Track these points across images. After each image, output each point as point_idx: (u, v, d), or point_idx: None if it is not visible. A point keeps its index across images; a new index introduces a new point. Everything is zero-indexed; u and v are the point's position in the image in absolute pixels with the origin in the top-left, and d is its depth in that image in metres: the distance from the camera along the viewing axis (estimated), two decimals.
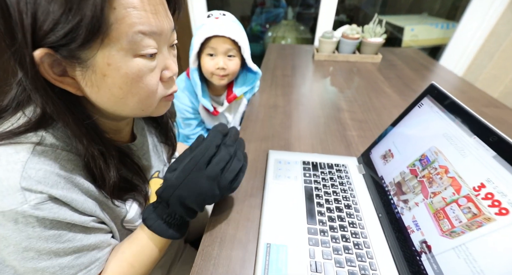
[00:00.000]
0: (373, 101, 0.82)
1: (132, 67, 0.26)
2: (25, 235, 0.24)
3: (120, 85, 0.27)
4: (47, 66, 0.23)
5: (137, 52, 0.26)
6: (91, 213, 0.30)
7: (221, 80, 0.70)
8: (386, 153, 0.47)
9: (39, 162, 0.25)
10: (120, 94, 0.27)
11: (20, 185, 0.23)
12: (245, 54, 0.68)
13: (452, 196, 0.31)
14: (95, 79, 0.26)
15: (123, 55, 0.25)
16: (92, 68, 0.25)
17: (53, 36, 0.22)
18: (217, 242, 0.39)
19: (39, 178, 0.25)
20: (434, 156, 0.36)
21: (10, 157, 0.24)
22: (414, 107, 0.44)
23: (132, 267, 0.33)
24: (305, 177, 0.49)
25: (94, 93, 0.27)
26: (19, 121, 0.27)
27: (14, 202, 0.23)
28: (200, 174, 0.32)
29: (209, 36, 0.62)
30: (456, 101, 0.35)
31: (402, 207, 0.38)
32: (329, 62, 1.15)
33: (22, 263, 0.25)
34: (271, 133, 0.64)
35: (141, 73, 0.27)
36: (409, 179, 0.39)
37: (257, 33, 2.23)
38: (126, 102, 0.29)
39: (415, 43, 1.72)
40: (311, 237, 0.38)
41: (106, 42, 0.24)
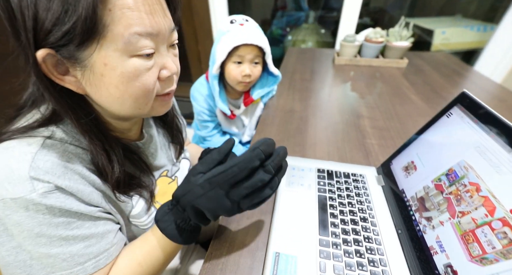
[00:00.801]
0: (397, 109, 0.77)
1: (128, 67, 0.26)
2: (37, 221, 0.26)
3: (117, 85, 0.27)
4: (51, 66, 0.25)
5: (133, 52, 0.26)
6: (97, 204, 0.31)
7: (245, 87, 0.70)
8: (408, 165, 0.43)
9: (48, 154, 0.27)
10: (117, 93, 0.28)
11: (28, 175, 0.25)
12: (268, 59, 0.68)
13: (484, 217, 0.28)
14: (93, 79, 0.26)
15: (119, 56, 0.26)
16: (90, 68, 0.26)
17: (53, 37, 0.23)
18: (225, 247, 0.38)
19: (46, 168, 0.26)
20: (464, 171, 0.33)
21: (22, 149, 0.26)
22: (442, 116, 0.40)
23: (140, 266, 0.34)
24: (319, 185, 0.47)
25: (93, 92, 0.28)
26: (34, 117, 0.29)
27: (23, 190, 0.25)
28: (224, 192, 0.29)
29: (238, 44, 0.61)
30: (492, 112, 0.32)
31: (424, 225, 0.35)
32: (350, 66, 1.11)
33: (36, 248, 0.26)
34: (286, 138, 0.63)
35: (137, 72, 0.27)
36: (434, 194, 0.36)
37: (277, 37, 2.23)
38: (123, 101, 0.29)
39: (446, 47, 1.61)
40: (323, 249, 0.36)
41: (103, 43, 0.24)
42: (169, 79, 0.32)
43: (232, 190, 0.29)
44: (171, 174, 0.46)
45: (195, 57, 1.62)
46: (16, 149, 0.26)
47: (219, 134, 0.83)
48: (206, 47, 1.58)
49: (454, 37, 1.58)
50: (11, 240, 0.26)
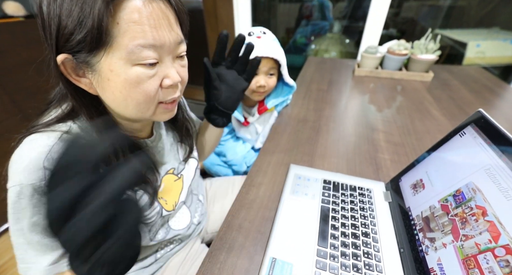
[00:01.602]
0: (415, 124, 0.75)
1: (131, 74, 0.29)
2: (37, 210, 0.29)
3: (120, 89, 0.30)
4: (70, 69, 0.29)
5: (136, 61, 0.29)
6: None
7: (259, 97, 0.73)
8: (417, 183, 0.42)
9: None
10: (121, 97, 0.31)
11: (43, 164, 0.29)
12: (284, 71, 0.70)
13: (487, 243, 0.27)
14: (101, 82, 0.30)
15: (123, 64, 0.29)
16: (99, 72, 0.29)
17: (69, 44, 0.27)
18: (225, 247, 0.40)
19: None
20: (471, 193, 0.32)
21: (42, 142, 0.30)
22: (455, 135, 0.39)
23: None
24: (323, 196, 0.48)
25: (102, 94, 0.32)
26: (56, 113, 0.34)
27: (36, 177, 0.28)
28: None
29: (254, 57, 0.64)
30: (506, 133, 0.31)
31: (427, 246, 0.34)
32: (371, 78, 1.09)
33: (32, 235, 0.30)
34: (295, 147, 0.64)
35: (139, 79, 0.30)
36: (439, 215, 0.35)
37: (300, 45, 2.24)
38: (126, 105, 0.32)
39: (481, 60, 1.51)
40: (320, 259, 0.37)
41: (109, 51, 0.28)
42: (172, 87, 0.34)
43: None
44: (177, 172, 0.49)
45: None
46: (38, 141, 0.30)
47: (233, 139, 0.86)
48: None
49: (490, 50, 1.48)
50: (17, 222, 0.30)
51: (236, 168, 0.84)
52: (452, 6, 1.86)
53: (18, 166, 0.29)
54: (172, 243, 0.51)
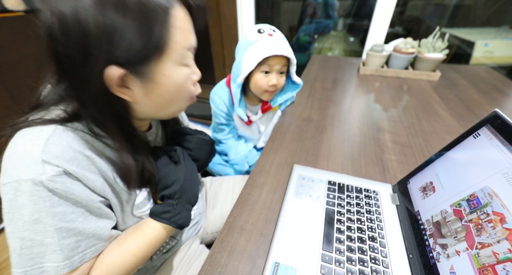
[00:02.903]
0: (422, 124, 0.73)
1: (180, 75, 0.33)
2: (37, 207, 0.27)
3: (170, 90, 0.33)
4: (114, 80, 0.28)
5: (182, 62, 0.32)
6: (100, 192, 0.32)
7: (270, 96, 0.70)
8: (426, 185, 0.41)
9: (59, 139, 0.29)
10: (169, 97, 0.34)
11: (41, 158, 0.27)
12: (293, 69, 0.68)
13: (507, 252, 0.25)
14: (150, 87, 0.31)
15: (174, 66, 0.32)
16: (151, 78, 0.31)
17: (124, 56, 0.27)
18: (227, 250, 0.39)
19: (57, 153, 0.28)
20: (488, 198, 0.30)
21: (37, 134, 0.29)
22: (468, 137, 0.37)
23: (134, 257, 0.35)
24: (328, 198, 0.46)
25: (146, 99, 0.32)
26: (53, 112, 0.32)
27: (35, 172, 0.27)
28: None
29: (270, 55, 0.61)
30: None
31: (438, 252, 0.33)
32: (376, 77, 1.07)
33: (32, 235, 0.28)
34: (299, 147, 0.62)
35: (185, 79, 0.34)
36: (452, 220, 0.33)
37: (304, 44, 2.22)
38: (170, 104, 0.35)
39: (489, 60, 1.48)
40: (325, 265, 0.35)
41: (163, 57, 0.30)
42: (196, 83, 0.38)
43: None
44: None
45: (220, 61, 1.67)
46: (32, 134, 0.29)
47: (234, 138, 0.84)
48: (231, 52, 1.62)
49: (499, 50, 1.45)
50: (10, 224, 0.28)
51: (238, 167, 0.83)
52: (458, 5, 1.82)
53: (13, 160, 0.28)
54: (168, 244, 0.50)
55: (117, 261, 0.33)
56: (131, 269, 0.35)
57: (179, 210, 0.38)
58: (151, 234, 0.37)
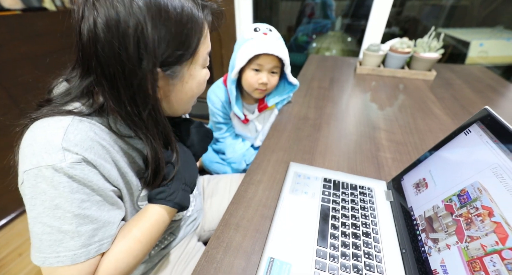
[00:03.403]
0: (418, 123, 0.73)
1: (202, 75, 0.38)
2: (58, 193, 0.28)
3: (193, 88, 0.38)
4: (154, 80, 0.32)
5: (204, 65, 0.38)
6: (113, 181, 0.34)
7: (260, 94, 0.71)
8: (419, 182, 0.41)
9: (78, 128, 0.30)
10: (191, 94, 0.39)
11: (61, 145, 0.28)
12: (287, 70, 0.68)
13: (494, 245, 0.26)
14: (180, 85, 0.36)
15: (199, 68, 0.37)
16: (180, 78, 0.35)
17: (168, 59, 0.32)
18: (222, 246, 0.39)
19: (76, 141, 0.29)
20: (477, 193, 0.31)
21: (56, 124, 0.30)
22: (459, 133, 0.38)
23: (140, 243, 0.35)
24: (323, 195, 0.47)
25: (174, 96, 0.37)
26: (72, 105, 0.33)
27: (56, 158, 0.28)
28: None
29: (259, 53, 0.62)
30: None
31: (430, 247, 0.33)
32: (372, 76, 1.08)
33: (51, 221, 0.29)
34: (295, 145, 0.63)
35: (204, 78, 0.39)
36: (443, 215, 0.34)
37: (302, 44, 2.22)
38: (189, 101, 0.40)
39: (484, 60, 1.50)
40: (319, 260, 0.36)
41: (193, 61, 0.35)
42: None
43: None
44: None
45: (218, 60, 1.67)
46: (51, 123, 0.30)
47: (232, 137, 0.84)
48: (229, 51, 1.63)
49: (493, 50, 1.46)
50: (32, 209, 0.29)
51: (235, 166, 0.83)
52: (455, 6, 1.84)
53: (34, 148, 0.29)
54: (167, 239, 0.50)
55: (124, 249, 0.34)
56: (139, 255, 0.35)
57: (174, 189, 0.39)
58: (151, 217, 0.37)
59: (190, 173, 0.42)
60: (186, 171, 0.41)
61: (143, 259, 0.37)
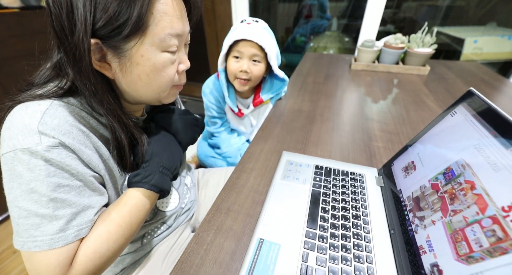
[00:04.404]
0: (411, 114, 0.74)
1: (159, 59, 0.33)
2: (34, 176, 0.28)
3: (148, 73, 0.33)
4: (95, 55, 0.30)
5: (164, 49, 0.32)
6: (94, 167, 0.33)
7: (242, 86, 0.71)
8: (408, 165, 0.42)
9: (56, 112, 0.30)
10: (146, 80, 0.34)
11: (37, 129, 0.28)
12: (272, 61, 0.68)
13: (475, 215, 0.26)
14: (129, 66, 0.32)
15: (154, 50, 0.32)
16: (129, 57, 0.31)
17: (104, 30, 0.28)
18: (213, 229, 0.39)
19: (53, 125, 0.29)
20: (461, 169, 0.31)
21: (34, 108, 0.30)
22: (446, 115, 0.39)
23: (119, 227, 0.34)
24: (314, 181, 0.47)
25: (125, 78, 0.33)
26: (47, 87, 0.33)
27: (31, 142, 0.28)
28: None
29: (237, 39, 0.64)
30: (495, 108, 0.30)
31: (417, 225, 0.34)
32: (367, 72, 1.09)
33: (28, 205, 0.28)
34: (289, 136, 0.63)
35: (165, 64, 0.34)
36: (429, 194, 0.34)
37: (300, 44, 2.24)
38: (149, 87, 0.35)
39: (478, 57, 1.51)
40: (308, 240, 0.36)
41: (143, 39, 0.30)
42: (183, 72, 0.39)
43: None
44: None
45: (215, 60, 1.68)
46: (29, 107, 0.30)
47: (227, 131, 0.85)
48: None
49: (488, 46, 1.48)
50: (10, 192, 0.29)
51: (230, 160, 0.84)
52: (451, 6, 1.85)
53: (11, 131, 0.29)
54: (159, 229, 0.50)
55: (103, 233, 0.33)
56: (120, 240, 0.34)
57: (150, 171, 0.37)
58: (130, 201, 0.36)
59: (169, 156, 0.40)
60: (164, 154, 0.39)
61: (126, 244, 0.36)
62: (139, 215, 0.36)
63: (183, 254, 0.36)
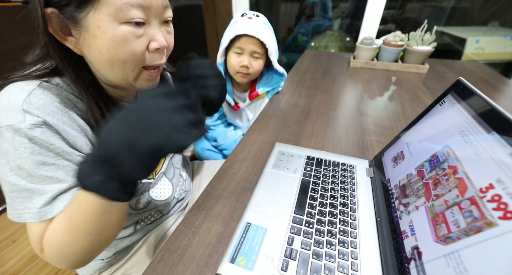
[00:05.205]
0: (406, 111, 0.74)
1: (118, 32, 0.29)
2: (18, 153, 0.29)
3: (107, 47, 0.30)
4: (56, 26, 0.29)
5: (123, 20, 0.29)
6: (80, 149, 0.33)
7: (243, 78, 0.72)
8: (397, 155, 0.42)
9: (42, 93, 0.31)
10: (107, 55, 0.31)
11: (21, 107, 0.29)
12: (272, 56, 0.69)
13: (455, 198, 0.26)
14: (88, 39, 0.30)
15: (110, 21, 0.29)
16: (86, 28, 0.29)
17: None
18: (202, 214, 0.40)
19: (38, 105, 0.30)
20: (446, 155, 0.31)
21: (21, 87, 0.30)
22: (435, 105, 0.39)
23: (69, 221, 0.30)
24: (305, 170, 0.47)
25: (88, 53, 0.31)
26: (37, 68, 0.33)
27: (15, 119, 0.28)
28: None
29: (239, 34, 0.65)
30: (480, 95, 0.31)
31: (402, 211, 0.34)
32: (366, 70, 1.09)
33: (17, 180, 0.29)
34: (283, 128, 0.64)
35: (126, 38, 0.30)
36: (415, 181, 0.34)
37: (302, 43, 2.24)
38: (112, 64, 0.31)
39: (480, 57, 1.50)
40: (294, 225, 0.37)
41: (97, 7, 0.28)
42: (158, 52, 0.34)
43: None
44: None
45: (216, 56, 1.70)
46: (16, 87, 0.31)
47: (223, 125, 0.86)
48: None
49: (490, 46, 1.47)
50: (0, 167, 0.29)
51: (226, 152, 0.84)
52: (455, 7, 1.84)
53: None
54: (153, 216, 0.51)
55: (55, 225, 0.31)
56: (86, 247, 0.31)
57: (87, 169, 0.25)
58: (76, 201, 0.30)
59: (130, 142, 0.24)
60: (119, 140, 0.24)
61: (91, 241, 0.31)
62: (86, 218, 0.29)
63: (171, 236, 0.36)
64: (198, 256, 0.34)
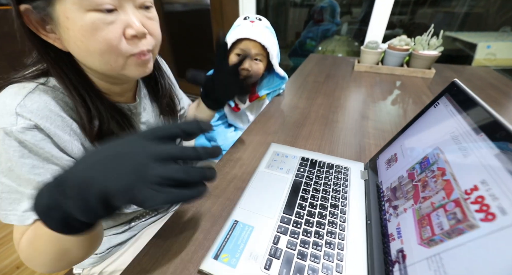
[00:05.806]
0: (409, 115, 0.73)
1: (86, 20, 0.28)
2: (8, 156, 0.29)
3: (80, 38, 0.29)
4: (36, 23, 0.29)
5: (90, 7, 0.28)
6: (71, 154, 0.33)
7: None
8: (391, 157, 0.41)
9: (38, 97, 0.31)
10: (83, 47, 0.30)
11: (15, 110, 0.29)
12: (273, 60, 0.70)
13: (441, 200, 0.26)
14: (63, 33, 0.29)
15: (77, 9, 0.27)
16: (58, 22, 0.28)
17: None
18: (192, 210, 0.40)
19: (32, 108, 0.30)
20: (436, 157, 0.31)
21: (18, 90, 0.31)
22: (430, 107, 0.38)
23: (33, 234, 0.30)
24: (298, 171, 0.47)
25: (69, 47, 0.31)
26: (34, 69, 0.34)
27: (7, 122, 0.28)
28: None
29: (241, 38, 0.66)
30: (473, 97, 0.30)
31: (390, 214, 0.33)
32: (370, 74, 1.08)
33: (8, 181, 0.29)
34: (280, 129, 0.64)
35: (95, 26, 0.28)
36: (405, 183, 0.34)
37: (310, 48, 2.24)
38: (91, 55, 0.30)
39: (491, 62, 1.46)
40: (282, 225, 0.36)
41: None
42: (138, 38, 0.32)
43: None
44: None
45: None
46: (14, 89, 0.31)
47: (224, 125, 0.86)
48: None
49: (502, 52, 1.43)
50: None
51: None
52: (469, 13, 1.79)
53: None
54: (148, 214, 0.52)
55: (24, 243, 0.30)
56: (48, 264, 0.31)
57: (40, 191, 0.22)
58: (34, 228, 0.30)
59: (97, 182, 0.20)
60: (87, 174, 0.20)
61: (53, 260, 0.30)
62: (42, 236, 0.28)
63: (159, 231, 0.37)
64: (183, 252, 0.34)
